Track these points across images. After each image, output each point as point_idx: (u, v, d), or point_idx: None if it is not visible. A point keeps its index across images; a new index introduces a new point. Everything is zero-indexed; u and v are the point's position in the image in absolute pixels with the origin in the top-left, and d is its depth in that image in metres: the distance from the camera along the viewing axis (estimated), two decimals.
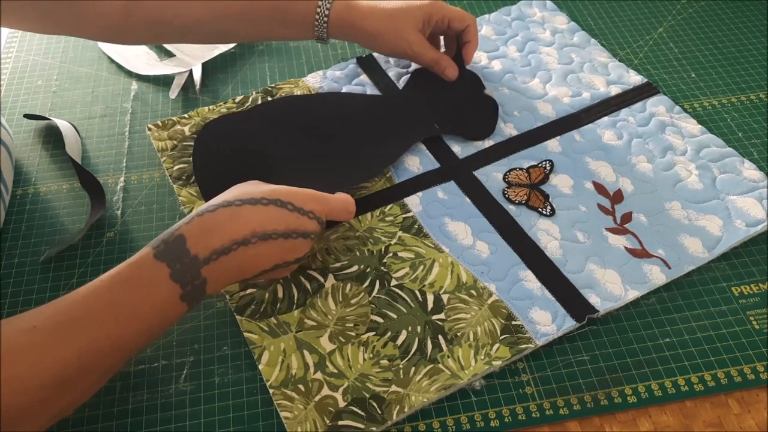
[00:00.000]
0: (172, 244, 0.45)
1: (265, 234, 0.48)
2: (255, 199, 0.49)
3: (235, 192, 0.50)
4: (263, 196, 0.49)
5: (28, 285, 0.56)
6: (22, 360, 0.40)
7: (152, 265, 0.45)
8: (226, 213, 0.47)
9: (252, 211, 0.48)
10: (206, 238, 0.46)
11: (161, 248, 0.45)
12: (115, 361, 0.44)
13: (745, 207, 0.60)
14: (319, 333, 0.52)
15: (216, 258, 0.46)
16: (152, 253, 0.45)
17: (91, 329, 0.42)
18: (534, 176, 0.63)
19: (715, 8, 0.82)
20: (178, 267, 0.45)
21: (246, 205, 0.48)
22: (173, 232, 0.46)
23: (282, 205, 0.49)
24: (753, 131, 0.68)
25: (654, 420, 0.49)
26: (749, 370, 0.51)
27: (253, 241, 0.47)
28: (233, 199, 0.48)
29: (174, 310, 0.45)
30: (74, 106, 0.72)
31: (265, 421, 0.49)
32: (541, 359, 0.52)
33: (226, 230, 0.47)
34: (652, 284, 0.55)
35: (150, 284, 0.44)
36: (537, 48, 0.76)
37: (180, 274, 0.45)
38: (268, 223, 0.48)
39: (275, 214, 0.49)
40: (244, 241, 0.47)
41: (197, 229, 0.46)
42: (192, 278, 0.45)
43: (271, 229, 0.48)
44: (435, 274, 0.56)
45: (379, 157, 0.64)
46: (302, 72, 0.75)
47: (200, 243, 0.46)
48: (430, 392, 0.49)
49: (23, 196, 0.64)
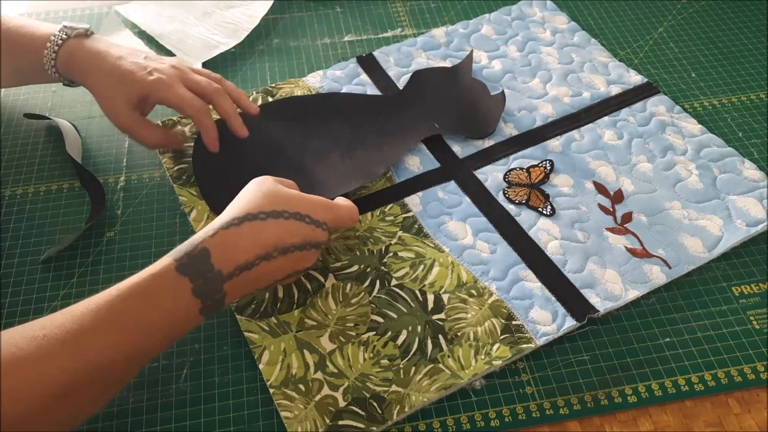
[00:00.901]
0: (195, 258, 0.45)
1: (284, 248, 0.48)
2: (277, 212, 0.48)
3: (257, 201, 0.49)
4: (285, 209, 0.49)
5: (28, 285, 0.56)
6: (26, 368, 0.39)
7: (174, 279, 0.44)
8: (252, 228, 0.47)
9: (275, 225, 0.48)
10: (231, 252, 0.46)
11: (184, 261, 0.44)
12: (126, 372, 0.43)
13: (745, 207, 0.60)
14: (319, 333, 0.52)
15: (239, 273, 0.46)
16: (174, 266, 0.44)
17: (102, 340, 0.41)
18: (534, 176, 0.63)
19: (715, 8, 0.82)
20: (200, 282, 0.44)
21: (270, 219, 0.48)
22: (197, 245, 0.45)
23: (301, 218, 0.49)
24: (753, 131, 0.68)
25: (654, 420, 0.49)
26: (749, 370, 0.51)
27: (274, 255, 0.47)
28: (257, 211, 0.48)
29: (191, 323, 0.45)
30: (74, 105, 0.72)
31: (265, 421, 0.49)
32: (541, 359, 0.52)
33: (251, 246, 0.46)
34: (652, 284, 0.55)
35: (170, 298, 0.44)
36: (537, 48, 0.76)
37: (202, 290, 0.44)
38: (289, 237, 0.48)
39: (295, 228, 0.49)
40: (267, 256, 0.47)
41: (222, 243, 0.46)
42: (213, 293, 0.45)
43: (290, 242, 0.48)
44: (435, 274, 0.56)
45: (379, 158, 0.64)
46: (302, 72, 0.75)
47: (225, 258, 0.45)
48: (430, 392, 0.49)
49: (23, 196, 0.64)
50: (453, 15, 0.82)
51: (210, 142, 0.60)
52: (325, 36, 0.79)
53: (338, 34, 0.80)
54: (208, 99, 0.60)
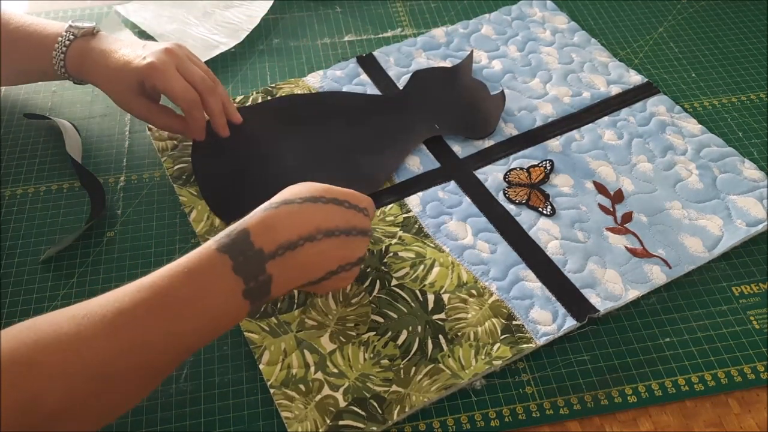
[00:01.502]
0: (235, 237, 0.44)
1: (329, 230, 0.47)
2: (315, 197, 0.48)
3: (291, 191, 0.48)
4: (321, 195, 0.48)
5: (28, 285, 0.56)
6: (67, 346, 0.38)
7: (214, 257, 0.43)
8: (290, 209, 0.46)
9: (314, 208, 0.47)
10: (272, 232, 0.45)
11: (224, 241, 0.44)
12: (169, 359, 0.42)
13: (745, 207, 0.60)
14: (319, 333, 0.52)
15: (282, 253, 0.44)
16: (214, 246, 0.43)
17: (142, 321, 0.40)
18: (534, 176, 0.63)
19: (715, 8, 0.82)
20: (241, 259, 0.43)
21: (307, 203, 0.47)
22: (236, 227, 0.45)
23: (339, 203, 0.49)
24: (753, 131, 0.68)
25: (654, 420, 0.49)
26: (749, 370, 0.51)
27: (318, 237, 0.46)
28: (293, 197, 0.47)
29: (235, 307, 0.43)
30: (74, 105, 0.72)
31: (266, 421, 0.49)
32: (541, 359, 0.52)
33: (292, 225, 0.45)
34: (652, 284, 0.55)
35: (211, 276, 0.42)
36: (537, 48, 0.76)
37: (243, 267, 0.43)
38: (331, 219, 0.47)
39: (336, 211, 0.48)
40: (310, 237, 0.46)
41: (261, 224, 0.45)
42: (256, 273, 0.43)
43: (333, 225, 0.47)
44: (435, 274, 0.56)
45: (380, 164, 0.63)
46: (302, 72, 0.75)
47: (266, 237, 0.44)
48: (430, 392, 0.49)
49: (23, 196, 0.63)
50: (453, 15, 0.82)
51: (198, 134, 0.61)
52: (325, 36, 0.79)
53: (338, 34, 0.80)
54: (198, 93, 0.59)
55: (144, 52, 0.59)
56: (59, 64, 0.61)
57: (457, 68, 0.72)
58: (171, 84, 0.58)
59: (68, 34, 0.61)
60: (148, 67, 0.57)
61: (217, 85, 0.61)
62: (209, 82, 0.60)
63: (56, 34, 0.61)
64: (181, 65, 0.59)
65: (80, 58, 0.61)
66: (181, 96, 0.58)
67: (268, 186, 0.61)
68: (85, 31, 0.61)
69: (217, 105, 0.60)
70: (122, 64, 0.59)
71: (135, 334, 0.40)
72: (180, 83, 0.58)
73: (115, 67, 0.59)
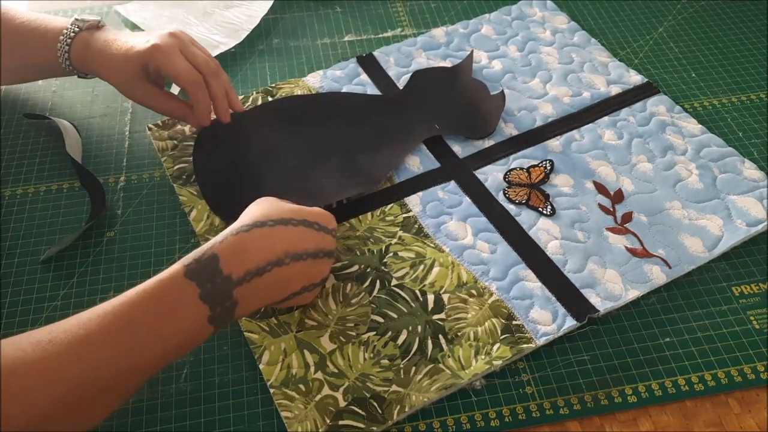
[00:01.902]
0: (204, 263, 0.44)
1: (297, 254, 0.47)
2: (285, 220, 0.48)
3: (263, 211, 0.48)
4: (291, 217, 0.48)
5: (28, 285, 0.56)
6: (32, 371, 0.39)
7: (181, 284, 0.43)
8: (261, 233, 0.46)
9: (284, 232, 0.47)
10: (241, 257, 0.45)
11: (192, 266, 0.44)
12: (135, 380, 0.43)
13: (745, 207, 0.60)
14: (319, 333, 0.52)
15: (250, 279, 0.45)
16: (183, 271, 0.43)
17: (109, 348, 0.41)
18: (534, 176, 0.63)
19: (715, 8, 0.82)
20: (209, 287, 0.43)
21: (278, 226, 0.47)
22: (206, 251, 0.45)
23: (309, 225, 0.49)
24: (753, 131, 0.68)
25: (654, 420, 0.49)
26: (749, 370, 0.51)
27: (287, 261, 0.47)
28: (265, 219, 0.47)
29: (200, 332, 0.44)
30: (74, 105, 0.72)
31: (266, 421, 0.49)
32: (541, 359, 0.52)
33: (261, 250, 0.46)
34: (652, 284, 0.55)
35: (177, 304, 0.43)
36: (537, 48, 0.76)
37: (210, 295, 0.43)
38: (300, 243, 0.48)
39: (305, 235, 0.48)
40: (278, 262, 0.46)
41: (231, 248, 0.45)
42: (223, 299, 0.44)
43: (302, 249, 0.48)
44: (435, 274, 0.56)
45: (380, 163, 0.63)
46: (302, 72, 0.75)
47: (234, 262, 0.44)
48: (430, 392, 0.49)
49: (23, 196, 0.63)
50: (453, 15, 0.82)
51: (203, 117, 0.60)
52: (325, 36, 0.79)
53: (338, 34, 0.80)
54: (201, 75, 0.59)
55: (148, 37, 0.59)
56: (64, 57, 0.61)
57: (458, 68, 0.72)
58: (175, 65, 0.57)
59: (73, 26, 0.61)
60: (153, 48, 0.57)
61: (220, 70, 0.61)
62: (213, 65, 0.60)
63: (61, 28, 0.62)
64: (185, 48, 0.59)
65: (84, 50, 0.61)
66: (184, 77, 0.58)
67: (268, 186, 0.61)
68: (90, 24, 0.61)
69: (221, 88, 0.60)
70: (126, 50, 0.59)
71: (100, 360, 0.40)
72: (184, 64, 0.58)
73: (118, 53, 0.59)
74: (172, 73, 0.58)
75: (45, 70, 0.66)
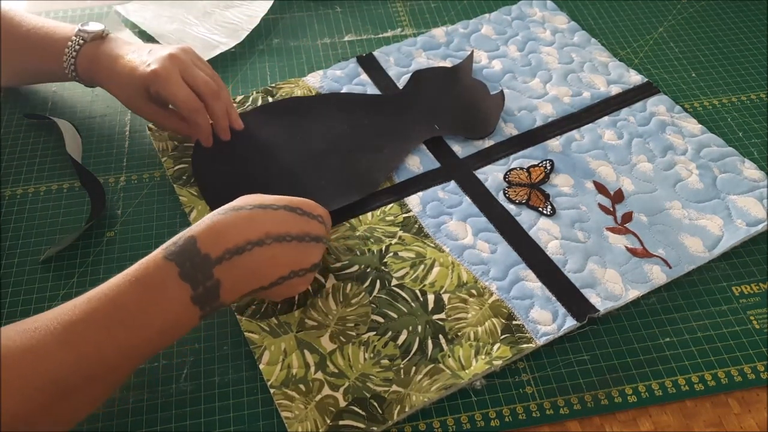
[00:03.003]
0: (182, 245, 0.44)
1: (279, 235, 0.47)
2: (265, 204, 0.48)
3: (242, 200, 0.49)
4: (272, 202, 0.49)
5: (28, 285, 0.56)
6: (18, 361, 0.39)
7: (161, 265, 0.44)
8: (239, 215, 0.47)
9: (264, 214, 0.47)
10: (219, 237, 0.45)
11: (171, 249, 0.44)
12: (122, 369, 0.43)
13: (745, 206, 0.60)
14: (319, 333, 0.52)
15: (229, 257, 0.45)
16: (162, 254, 0.44)
17: (94, 332, 0.41)
18: (534, 176, 0.63)
19: (715, 8, 0.82)
20: (188, 265, 0.44)
21: (257, 209, 0.48)
22: (184, 234, 0.45)
23: (291, 210, 0.49)
24: (753, 131, 0.68)
25: (654, 420, 0.49)
26: (749, 370, 0.51)
27: (268, 242, 0.46)
28: (243, 204, 0.48)
29: (185, 314, 0.44)
30: (74, 105, 0.72)
31: (266, 421, 0.49)
32: (541, 359, 0.52)
33: (240, 231, 0.46)
34: (652, 284, 0.55)
35: (159, 285, 0.43)
36: (537, 47, 0.76)
37: (190, 273, 0.44)
38: (281, 225, 0.48)
39: (287, 218, 0.48)
40: (259, 242, 0.46)
41: (209, 230, 0.46)
42: (204, 278, 0.44)
43: (284, 230, 0.48)
44: (435, 274, 0.56)
45: (380, 164, 0.63)
46: (302, 72, 0.75)
47: (212, 242, 0.45)
48: (430, 392, 0.49)
49: (23, 196, 0.63)
50: (453, 15, 0.82)
51: (204, 139, 0.61)
52: (325, 36, 0.79)
53: (338, 34, 0.80)
54: (201, 98, 0.60)
55: (149, 58, 0.59)
56: (70, 69, 0.62)
57: (457, 68, 0.72)
58: (174, 92, 0.58)
59: (77, 38, 0.61)
60: (152, 74, 0.58)
61: (222, 89, 0.61)
62: (213, 86, 0.60)
63: (66, 38, 0.62)
64: (186, 71, 0.59)
65: (90, 64, 0.62)
66: (182, 105, 0.59)
67: (268, 186, 0.61)
68: (95, 35, 0.62)
69: (221, 109, 0.61)
70: (128, 71, 0.60)
71: (86, 345, 0.41)
72: (182, 92, 0.58)
73: (122, 73, 0.60)
74: (172, 101, 0.59)
75: (53, 77, 0.67)
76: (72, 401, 0.41)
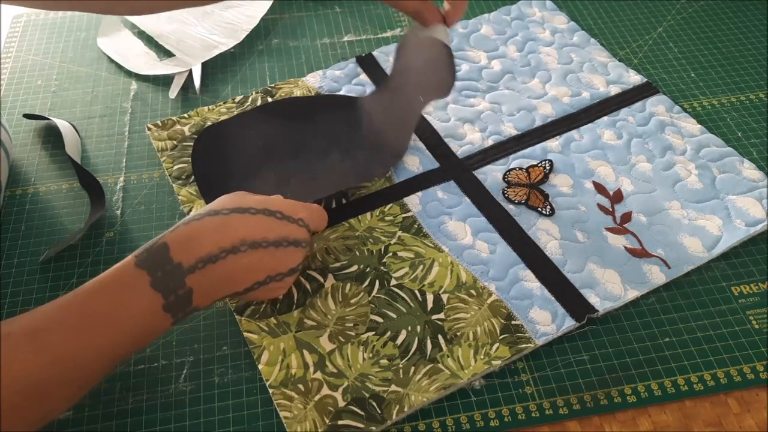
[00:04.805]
0: (154, 252, 0.44)
1: (255, 242, 0.47)
2: (243, 209, 0.48)
3: (221, 202, 0.49)
4: (251, 206, 0.48)
5: (27, 285, 0.56)
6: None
7: (133, 273, 0.43)
8: (214, 221, 0.46)
9: (240, 219, 0.47)
10: (192, 244, 0.45)
11: (143, 256, 0.44)
12: (94, 372, 0.43)
13: (744, 206, 0.60)
14: (318, 333, 0.52)
15: (202, 266, 0.45)
16: (134, 261, 0.44)
17: (65, 338, 0.41)
18: (533, 176, 0.63)
19: (715, 8, 0.82)
20: (159, 275, 0.43)
21: (234, 214, 0.47)
22: (157, 241, 0.45)
23: (270, 213, 0.48)
24: (753, 131, 0.68)
25: (654, 420, 0.49)
26: (749, 370, 0.51)
27: (243, 249, 0.46)
28: (220, 208, 0.47)
29: (156, 321, 0.44)
30: (74, 105, 0.72)
31: (265, 421, 0.49)
32: (540, 359, 0.52)
33: (213, 238, 0.45)
34: (651, 284, 0.55)
35: (129, 293, 0.43)
36: (537, 48, 0.76)
37: (162, 283, 0.43)
38: (258, 231, 0.47)
39: (264, 223, 0.48)
40: (233, 249, 0.46)
41: (182, 237, 0.45)
42: (175, 287, 0.44)
43: (260, 237, 0.47)
44: (435, 274, 0.56)
45: (381, 157, 0.63)
46: (302, 72, 0.75)
47: (185, 250, 0.44)
48: (429, 392, 0.49)
49: (23, 196, 0.64)
50: None
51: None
52: (324, 36, 0.80)
53: (338, 34, 0.80)
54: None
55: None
56: None
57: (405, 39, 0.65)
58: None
59: None
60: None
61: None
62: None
63: None
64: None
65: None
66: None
67: (267, 186, 0.61)
68: None
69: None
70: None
71: (58, 351, 0.40)
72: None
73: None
74: None
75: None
76: (45, 404, 0.41)
